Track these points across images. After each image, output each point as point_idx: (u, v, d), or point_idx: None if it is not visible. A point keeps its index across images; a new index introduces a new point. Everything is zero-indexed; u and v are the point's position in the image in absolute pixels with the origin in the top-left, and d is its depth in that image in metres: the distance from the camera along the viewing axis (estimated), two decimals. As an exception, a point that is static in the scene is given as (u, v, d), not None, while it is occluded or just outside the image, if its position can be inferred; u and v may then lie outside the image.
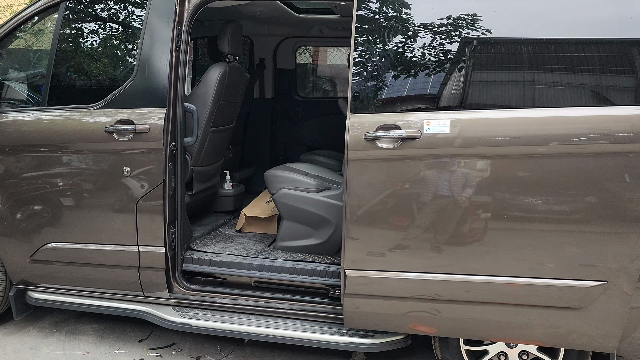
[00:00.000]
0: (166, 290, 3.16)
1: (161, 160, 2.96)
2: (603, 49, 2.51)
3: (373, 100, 2.66)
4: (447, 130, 2.50)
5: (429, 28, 2.62)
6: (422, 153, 2.54)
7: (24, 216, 3.21)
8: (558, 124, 2.45)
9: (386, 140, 2.56)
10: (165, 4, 3.00)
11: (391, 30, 2.65)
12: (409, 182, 2.57)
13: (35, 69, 3.64)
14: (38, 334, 3.54)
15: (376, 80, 2.65)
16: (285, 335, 2.95)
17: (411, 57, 2.64)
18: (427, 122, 2.53)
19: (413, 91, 2.65)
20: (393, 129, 2.56)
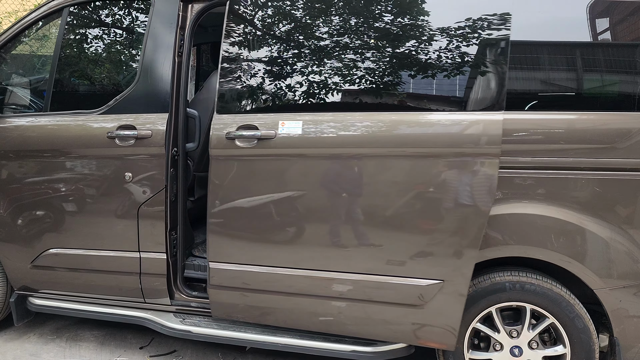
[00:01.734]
0: (167, 296, 3.14)
1: (163, 166, 2.96)
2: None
3: (236, 101, 2.81)
4: (300, 130, 2.64)
5: (286, 34, 2.80)
6: (276, 152, 2.68)
7: (26, 222, 3.20)
8: (395, 125, 2.55)
9: (244, 140, 2.71)
10: (168, 9, 3.01)
11: (255, 35, 2.82)
12: (265, 180, 2.72)
13: (39, 74, 3.64)
14: (38, 340, 3.52)
15: (239, 82, 2.80)
16: (287, 343, 2.93)
17: (268, 60, 2.78)
18: (281, 122, 2.68)
19: (270, 93, 2.80)
20: (251, 129, 2.71)
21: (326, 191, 2.65)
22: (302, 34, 2.78)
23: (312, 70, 2.73)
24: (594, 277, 2.57)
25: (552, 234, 2.56)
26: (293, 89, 2.75)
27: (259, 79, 2.79)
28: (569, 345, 2.64)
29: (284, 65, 2.77)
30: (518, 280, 2.66)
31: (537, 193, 2.57)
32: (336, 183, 2.64)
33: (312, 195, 2.66)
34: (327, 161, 2.64)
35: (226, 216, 2.78)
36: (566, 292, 2.65)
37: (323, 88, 2.72)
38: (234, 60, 2.80)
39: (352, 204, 2.62)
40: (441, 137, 2.50)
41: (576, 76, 2.60)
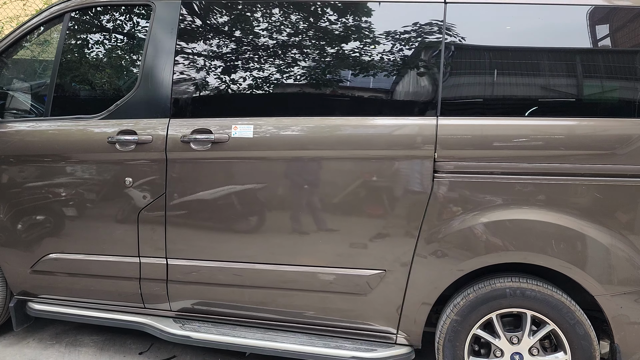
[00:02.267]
0: (167, 302, 3.13)
1: (163, 171, 2.95)
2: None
3: (190, 105, 2.96)
4: (251, 134, 2.80)
5: (238, 41, 2.95)
6: (229, 155, 2.84)
7: (26, 226, 3.20)
8: (341, 130, 2.74)
9: (198, 143, 2.86)
10: (169, 15, 3.01)
11: (206, 42, 2.96)
12: (219, 181, 2.87)
13: (40, 79, 3.64)
14: (38, 345, 3.51)
15: (194, 87, 2.95)
16: (287, 349, 2.92)
17: (222, 67, 2.94)
18: (234, 127, 2.83)
19: (225, 98, 2.98)
20: (205, 132, 2.86)
21: (278, 191, 2.82)
22: (252, 40, 2.93)
23: (262, 75, 2.88)
24: (594, 283, 2.56)
25: (553, 240, 2.56)
26: (245, 94, 2.91)
27: (212, 84, 2.96)
28: (570, 351, 2.63)
29: (235, 70, 2.91)
30: (518, 286, 2.65)
31: (538, 199, 2.57)
32: (285, 183, 2.81)
33: (266, 194, 2.83)
34: (276, 163, 2.80)
35: (181, 216, 2.94)
36: (567, 298, 2.65)
37: (274, 93, 2.92)
38: (187, 64, 2.94)
39: (299, 201, 2.80)
40: (380, 138, 2.70)
41: (576, 82, 2.61)
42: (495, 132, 2.60)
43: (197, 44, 2.97)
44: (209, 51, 2.96)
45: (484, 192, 2.61)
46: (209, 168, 2.88)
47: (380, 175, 2.70)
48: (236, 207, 2.87)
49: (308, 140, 2.76)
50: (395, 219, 2.71)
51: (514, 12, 2.67)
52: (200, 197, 2.91)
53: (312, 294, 2.88)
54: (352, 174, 2.73)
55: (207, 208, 2.91)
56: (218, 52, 2.95)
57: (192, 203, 2.92)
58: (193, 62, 2.95)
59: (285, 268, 2.88)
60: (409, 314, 2.80)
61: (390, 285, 2.77)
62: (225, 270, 2.95)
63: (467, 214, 2.62)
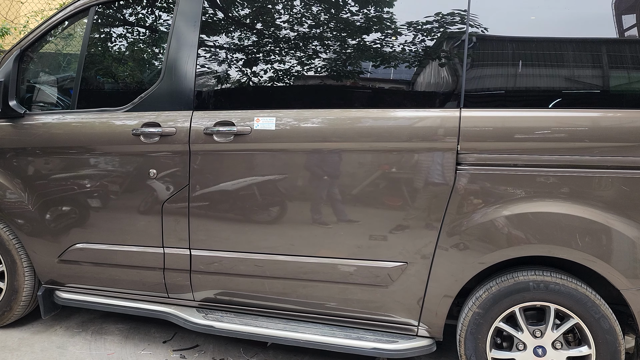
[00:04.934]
0: (190, 292, 3.17)
1: (187, 163, 2.99)
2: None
3: (214, 97, 2.99)
4: (273, 126, 2.80)
5: (261, 33, 2.95)
6: (252, 147, 2.86)
7: (53, 217, 3.27)
8: (356, 122, 2.73)
9: (221, 135, 2.87)
10: (192, 8, 3.03)
11: (230, 34, 2.98)
12: (241, 173, 2.89)
13: (65, 73, 3.70)
14: (65, 333, 3.60)
15: (216, 79, 2.97)
16: (308, 340, 2.94)
17: (245, 59, 2.94)
18: (256, 119, 2.84)
19: (247, 90, 2.97)
20: (228, 125, 2.87)
21: (301, 183, 2.82)
22: (273, 32, 2.93)
23: (283, 67, 2.87)
24: (620, 277, 2.53)
25: (577, 233, 2.53)
26: (267, 86, 2.92)
27: (235, 75, 2.97)
28: (594, 346, 2.60)
29: (258, 62, 2.92)
30: (542, 279, 2.63)
31: (561, 192, 2.54)
32: (306, 175, 2.81)
33: (288, 186, 2.84)
34: (298, 155, 2.81)
35: (203, 207, 2.97)
36: (591, 292, 2.62)
37: (295, 85, 2.92)
38: (211, 57, 2.95)
39: (320, 193, 2.81)
40: (401, 131, 2.67)
41: (602, 73, 2.56)
42: (518, 123, 2.57)
43: (219, 36, 2.99)
44: (232, 44, 2.97)
45: (507, 184, 2.58)
46: (232, 160, 2.90)
47: (402, 168, 2.69)
48: (258, 198, 2.89)
49: (329, 132, 2.76)
50: (417, 211, 2.70)
51: (538, 2, 2.63)
52: (223, 188, 2.94)
53: (333, 285, 2.89)
54: (372, 166, 2.73)
55: (229, 199, 2.94)
56: (240, 45, 2.97)
57: (215, 194, 2.95)
58: (216, 55, 2.97)
59: (305, 259, 2.89)
60: (430, 306, 2.79)
61: (411, 277, 2.77)
62: (247, 261, 2.98)
63: (489, 206, 2.60)
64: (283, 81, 2.91)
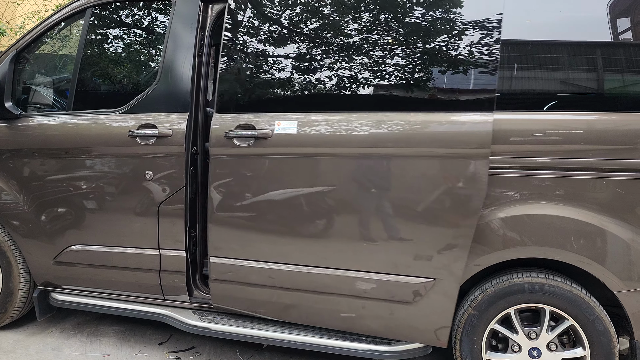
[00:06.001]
0: (186, 294, 3.17)
1: (183, 165, 2.99)
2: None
3: (235, 101, 2.86)
4: (295, 130, 2.70)
5: (286, 36, 2.83)
6: (273, 151, 2.75)
7: (48, 218, 3.26)
8: (389, 126, 2.59)
9: (242, 139, 2.78)
10: (189, 10, 3.04)
11: (253, 36, 2.87)
12: (262, 178, 2.79)
13: (61, 74, 3.70)
14: (60, 335, 3.59)
15: (238, 82, 2.85)
16: (304, 341, 2.95)
17: (266, 62, 2.84)
18: (277, 122, 2.74)
19: (269, 93, 2.85)
20: (248, 128, 2.78)
21: (321, 189, 2.72)
22: (300, 34, 2.83)
23: (307, 70, 2.78)
24: (614, 279, 2.54)
25: (572, 235, 2.54)
26: (290, 89, 2.82)
27: (257, 78, 2.86)
28: (589, 347, 2.62)
29: (281, 65, 2.82)
30: (537, 281, 2.64)
31: (556, 194, 2.55)
32: (331, 181, 2.70)
33: (308, 192, 2.73)
34: (322, 160, 2.71)
35: (226, 214, 2.86)
36: (586, 294, 2.63)
37: (320, 88, 2.78)
38: (233, 59, 2.86)
39: (345, 202, 2.69)
40: (436, 136, 2.54)
41: (596, 76, 2.58)
42: (512, 126, 2.58)
43: (241, 37, 2.88)
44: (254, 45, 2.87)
45: (501, 187, 2.60)
46: (253, 164, 2.79)
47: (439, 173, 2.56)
48: (282, 205, 2.77)
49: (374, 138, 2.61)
50: None
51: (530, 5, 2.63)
52: (244, 193, 2.83)
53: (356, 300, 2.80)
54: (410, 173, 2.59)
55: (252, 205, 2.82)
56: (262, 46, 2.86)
57: (236, 199, 2.84)
58: (235, 56, 2.87)
59: (318, 271, 2.80)
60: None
61: None
62: (264, 271, 2.87)
63: (485, 209, 2.61)
64: (310, 84, 2.79)
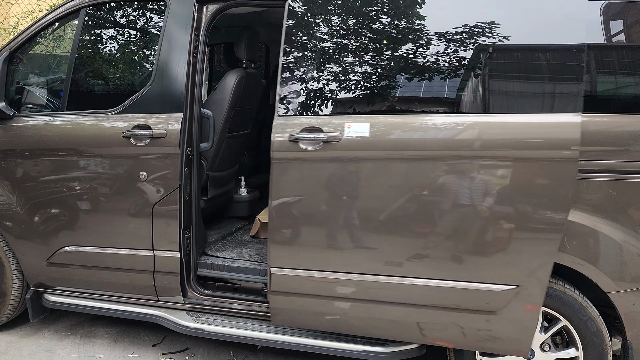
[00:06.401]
0: (180, 295, 3.16)
1: (177, 166, 2.98)
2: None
3: (299, 103, 2.73)
4: (367, 133, 2.57)
5: (353, 35, 2.71)
6: (343, 155, 2.61)
7: (42, 219, 3.25)
8: (472, 129, 2.49)
9: (308, 142, 2.64)
10: (184, 10, 3.03)
11: (318, 36, 2.73)
12: (331, 183, 2.65)
13: (55, 74, 3.68)
14: (53, 336, 3.57)
15: (302, 84, 2.72)
16: (299, 342, 2.95)
17: (334, 62, 2.72)
18: (347, 125, 2.61)
19: (336, 95, 2.72)
20: (315, 131, 2.64)
21: (395, 195, 2.57)
22: (370, 32, 2.70)
23: (378, 71, 2.65)
24: (607, 280, 2.55)
25: (565, 236, 2.55)
26: (359, 91, 2.68)
27: (323, 80, 2.72)
28: (582, 348, 2.63)
29: (348, 66, 2.69)
30: (530, 282, 2.64)
31: None
32: (406, 186, 2.56)
33: (381, 198, 2.58)
34: (396, 164, 2.56)
35: (291, 221, 2.71)
36: (579, 294, 2.64)
37: (392, 90, 2.67)
38: (296, 61, 2.72)
39: (424, 207, 2.54)
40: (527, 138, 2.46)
41: (590, 78, 2.59)
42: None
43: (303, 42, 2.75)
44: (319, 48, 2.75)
45: None
46: (320, 169, 2.66)
47: None
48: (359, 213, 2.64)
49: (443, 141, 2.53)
50: None
51: None
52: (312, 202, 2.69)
53: None
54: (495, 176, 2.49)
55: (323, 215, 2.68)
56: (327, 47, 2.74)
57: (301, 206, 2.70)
58: (298, 60, 2.74)
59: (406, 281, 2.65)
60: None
61: None
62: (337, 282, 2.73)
63: None
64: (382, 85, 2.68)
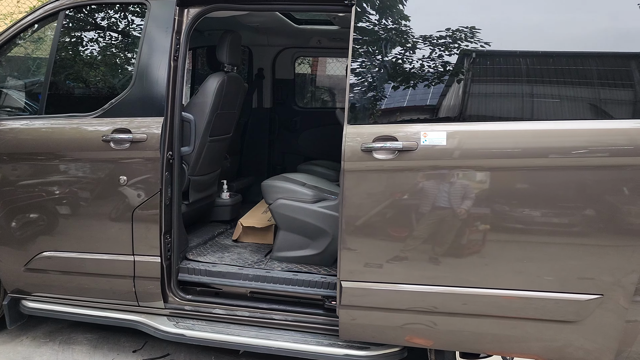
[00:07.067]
0: (161, 300, 3.14)
1: (158, 170, 2.96)
2: (601, 63, 2.52)
3: (370, 111, 2.67)
4: (444, 142, 2.51)
5: (428, 40, 2.63)
6: (419, 165, 2.55)
7: (19, 224, 3.20)
8: (556, 136, 2.46)
9: (383, 152, 2.57)
10: (164, 13, 3.01)
11: (389, 41, 2.67)
12: (406, 193, 2.58)
13: (34, 77, 3.64)
14: (31, 343, 3.51)
15: (373, 91, 2.66)
16: (281, 347, 2.93)
17: (409, 68, 2.64)
18: (424, 133, 2.54)
19: (410, 103, 2.67)
20: (390, 140, 2.57)
21: (476, 205, 2.51)
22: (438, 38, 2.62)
23: (451, 77, 2.60)
24: None
25: None
26: (436, 97, 2.62)
27: (395, 87, 2.65)
28: None
29: (420, 72, 2.63)
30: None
31: None
32: (487, 196, 2.50)
33: (468, 209, 2.52)
34: (476, 173, 2.51)
35: (364, 233, 2.64)
36: None
37: (469, 97, 2.59)
38: (365, 68, 2.66)
39: (506, 218, 2.50)
40: None
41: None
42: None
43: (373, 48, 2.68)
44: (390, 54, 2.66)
45: None
46: (395, 179, 2.59)
47: None
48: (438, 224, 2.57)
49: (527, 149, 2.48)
50: None
51: None
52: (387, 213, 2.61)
53: None
54: None
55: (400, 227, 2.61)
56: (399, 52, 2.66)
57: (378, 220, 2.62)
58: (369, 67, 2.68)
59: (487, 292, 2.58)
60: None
61: None
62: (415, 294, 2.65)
63: None
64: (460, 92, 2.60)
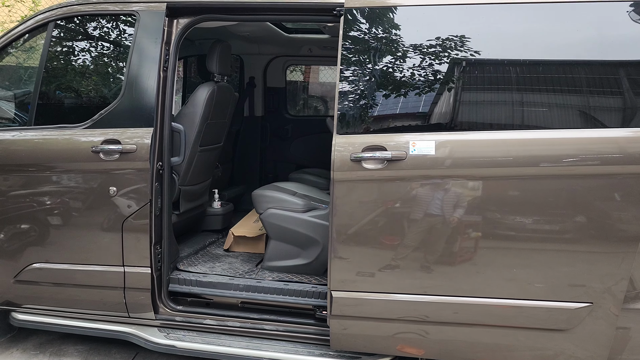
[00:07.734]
0: (152, 311, 3.13)
1: (147, 180, 2.95)
2: (590, 71, 2.54)
3: (359, 120, 2.67)
4: (433, 151, 2.52)
5: (418, 49, 2.64)
6: (408, 174, 2.56)
7: (9, 236, 3.18)
8: (546, 145, 2.47)
9: (372, 161, 2.58)
10: (154, 24, 3.02)
11: (378, 51, 2.68)
12: (396, 203, 2.59)
13: (25, 87, 3.63)
14: (21, 355, 3.48)
15: (362, 100, 2.67)
16: (272, 357, 2.92)
17: (398, 78, 2.66)
18: (412, 143, 2.55)
19: (399, 112, 2.67)
20: (379, 150, 2.58)
21: (466, 214, 2.53)
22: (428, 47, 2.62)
23: (441, 86, 2.60)
24: None
25: None
26: (423, 107, 2.62)
27: (384, 96, 2.65)
28: None
29: (410, 81, 2.63)
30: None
31: None
32: (477, 206, 2.51)
33: (458, 218, 2.53)
34: (467, 182, 2.52)
35: (354, 243, 2.64)
36: None
37: (459, 106, 2.59)
38: (354, 77, 2.66)
39: (497, 226, 2.51)
40: None
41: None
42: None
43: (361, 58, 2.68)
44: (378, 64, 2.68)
45: None
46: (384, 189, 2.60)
47: None
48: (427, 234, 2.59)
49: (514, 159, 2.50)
50: None
51: None
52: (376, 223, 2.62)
53: None
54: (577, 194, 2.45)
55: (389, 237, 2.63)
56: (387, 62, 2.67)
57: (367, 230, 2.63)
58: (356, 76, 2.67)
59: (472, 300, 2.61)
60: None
61: None
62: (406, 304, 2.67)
63: None
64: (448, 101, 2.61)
